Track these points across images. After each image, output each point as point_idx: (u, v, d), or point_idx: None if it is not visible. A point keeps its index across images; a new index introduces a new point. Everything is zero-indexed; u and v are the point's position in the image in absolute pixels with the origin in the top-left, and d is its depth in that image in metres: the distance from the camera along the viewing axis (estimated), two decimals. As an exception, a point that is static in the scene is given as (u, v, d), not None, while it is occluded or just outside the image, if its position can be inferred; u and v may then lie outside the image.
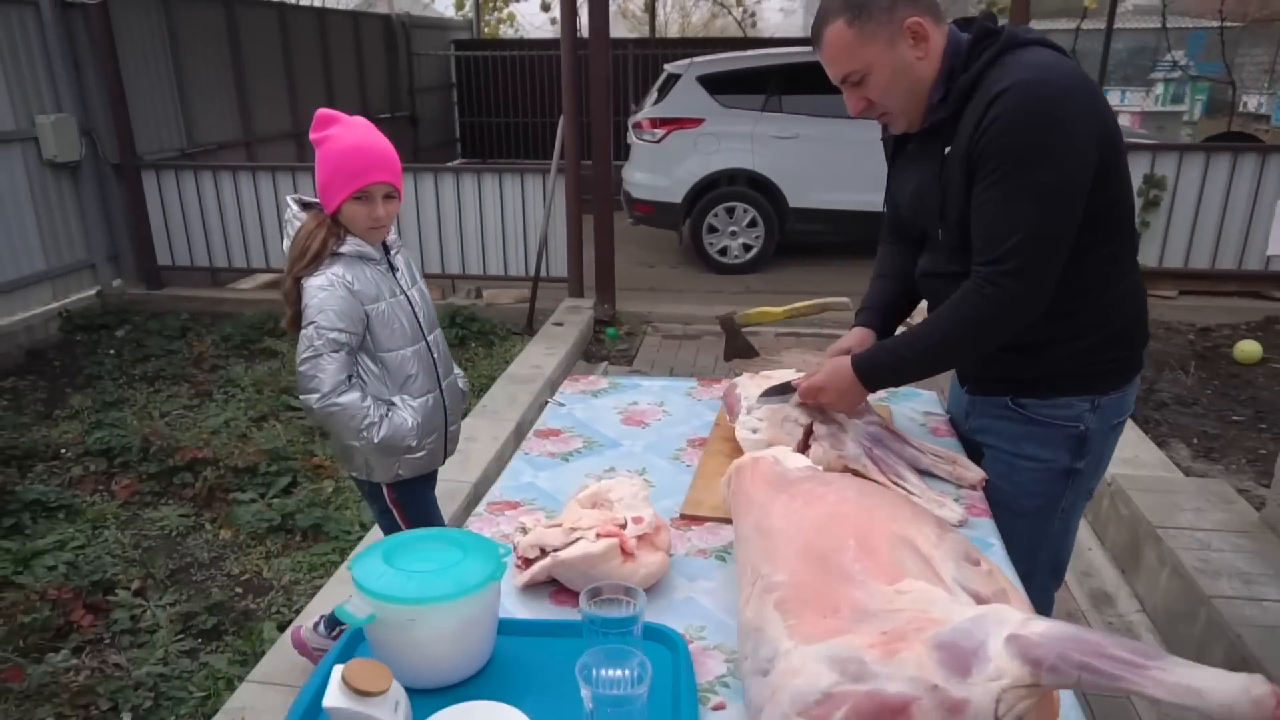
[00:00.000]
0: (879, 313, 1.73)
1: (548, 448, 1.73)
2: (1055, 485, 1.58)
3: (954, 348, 1.50)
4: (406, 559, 1.06)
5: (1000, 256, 1.38)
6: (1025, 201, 1.36)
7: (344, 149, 1.80)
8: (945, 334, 1.47)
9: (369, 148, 1.82)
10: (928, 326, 1.49)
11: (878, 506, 1.05)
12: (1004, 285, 1.39)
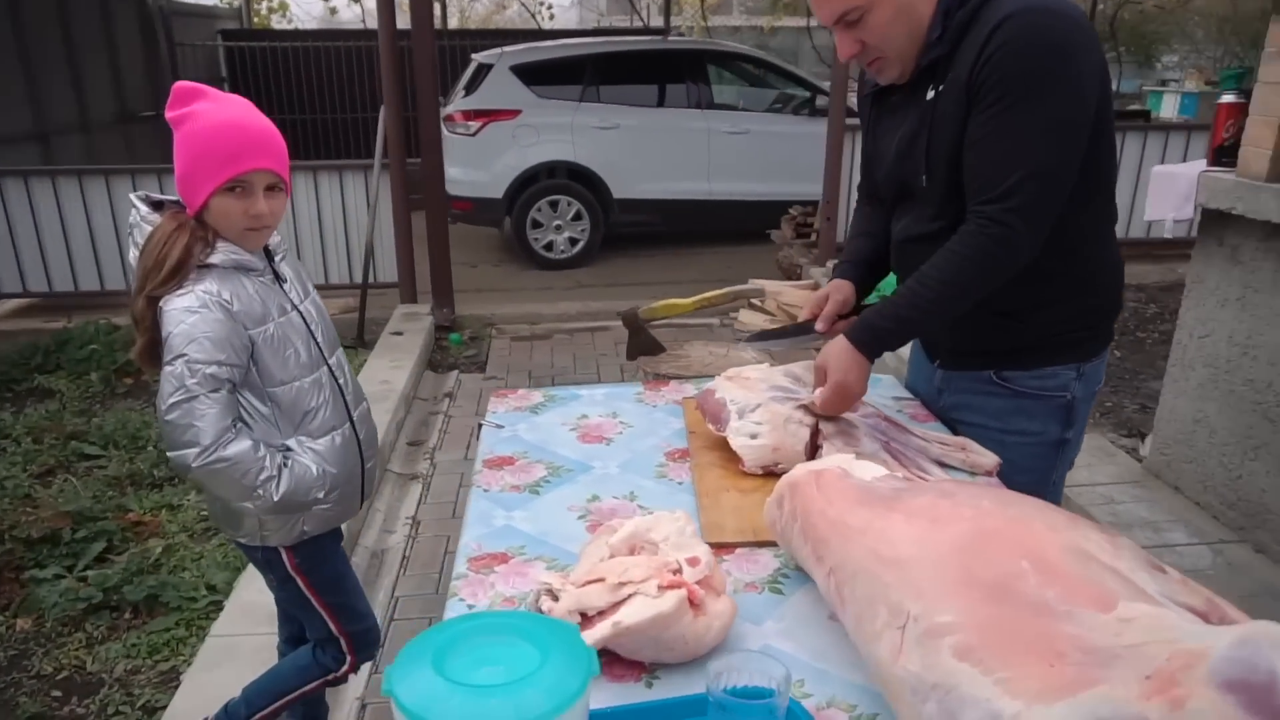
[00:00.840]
0: (857, 266, 1.63)
1: (508, 480, 1.45)
2: (1046, 459, 1.54)
3: (957, 297, 1.38)
4: (464, 665, 0.78)
5: (1003, 194, 1.30)
6: (1031, 134, 1.28)
7: (212, 128, 1.42)
8: (947, 283, 1.36)
9: (244, 126, 1.44)
10: (924, 279, 1.38)
11: (1027, 516, 0.90)
12: (1008, 223, 1.30)
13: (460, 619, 0.85)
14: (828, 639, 1.05)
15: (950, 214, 1.40)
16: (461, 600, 1.13)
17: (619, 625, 0.96)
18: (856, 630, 0.93)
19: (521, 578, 1.18)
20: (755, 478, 1.43)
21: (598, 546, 1.12)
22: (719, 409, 1.50)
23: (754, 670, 0.83)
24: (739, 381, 1.54)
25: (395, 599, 2.54)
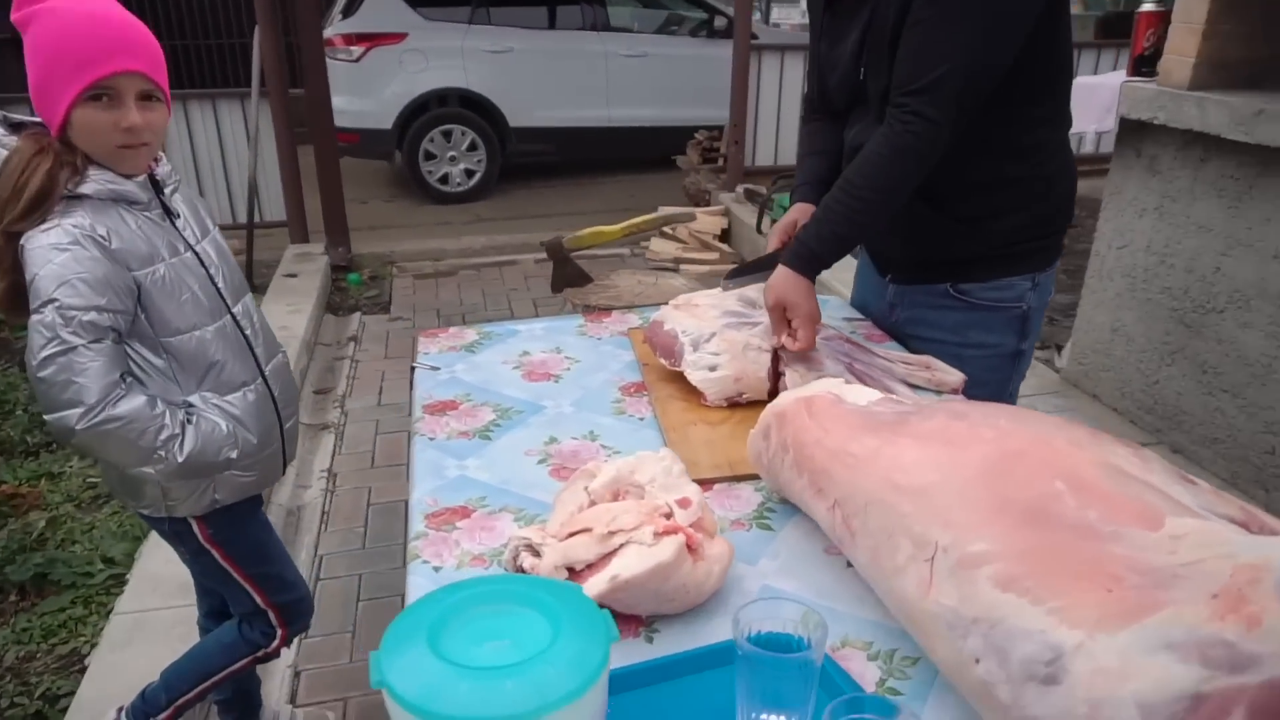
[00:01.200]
0: (816, 186, 1.55)
1: (454, 426, 1.33)
2: (1003, 371, 1.52)
3: (887, 200, 1.32)
4: (464, 643, 0.67)
5: (927, 85, 1.25)
6: (964, 26, 1.23)
7: (66, 25, 1.19)
8: (875, 188, 1.31)
9: (105, 19, 1.22)
10: (851, 187, 1.32)
11: (1049, 434, 0.85)
12: (929, 117, 1.25)
13: (449, 589, 0.74)
14: (829, 575, 0.99)
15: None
16: (426, 563, 1.02)
17: (617, 579, 0.87)
18: (872, 565, 0.87)
19: (488, 532, 1.07)
20: (721, 409, 1.35)
21: (574, 494, 1.02)
22: (671, 341, 1.41)
23: (784, 619, 0.76)
24: (688, 310, 1.45)
25: (319, 558, 2.38)
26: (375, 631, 2.10)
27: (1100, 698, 0.64)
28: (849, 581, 0.97)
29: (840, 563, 1.00)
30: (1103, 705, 0.64)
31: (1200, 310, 2.29)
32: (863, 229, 1.37)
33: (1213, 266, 2.24)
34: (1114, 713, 0.63)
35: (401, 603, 0.92)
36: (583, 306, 2.38)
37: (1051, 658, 0.68)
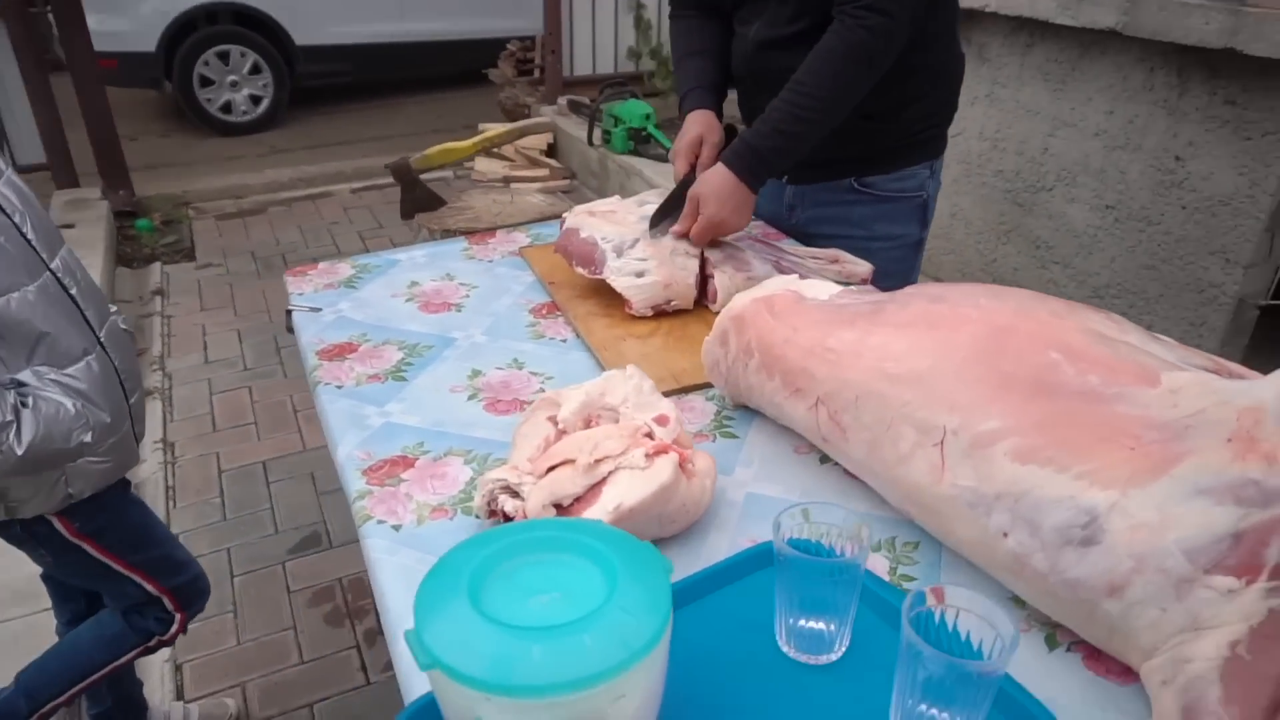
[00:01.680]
0: (710, 92, 1.47)
1: (359, 370, 1.19)
2: (909, 260, 1.56)
3: (841, 100, 1.28)
4: (511, 602, 0.60)
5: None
6: None
7: None
8: (829, 87, 1.26)
9: None
10: (802, 87, 1.27)
11: (1029, 308, 0.86)
12: (885, 10, 1.22)
13: (465, 547, 0.65)
14: (806, 474, 0.97)
15: (814, 10, 1.28)
16: (381, 522, 0.91)
17: (620, 508, 0.81)
18: (871, 458, 0.86)
19: (441, 480, 0.97)
20: (647, 320, 1.29)
21: (536, 426, 0.94)
22: (590, 249, 1.32)
23: (822, 524, 0.73)
24: (604, 217, 1.37)
25: (174, 537, 2.14)
26: (259, 608, 1.92)
27: (1143, 551, 0.66)
28: (828, 478, 0.97)
29: (813, 461, 0.99)
30: (1147, 557, 0.66)
31: (1031, 190, 2.47)
32: (811, 128, 1.29)
33: (1041, 148, 2.41)
34: (1160, 561, 0.65)
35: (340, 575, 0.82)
36: (440, 231, 2.22)
37: (1087, 520, 0.69)
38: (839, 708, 0.69)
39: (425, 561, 0.85)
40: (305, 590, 1.97)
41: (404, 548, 0.87)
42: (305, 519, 2.20)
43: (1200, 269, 2.07)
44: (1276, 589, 0.63)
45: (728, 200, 1.29)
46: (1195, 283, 2.09)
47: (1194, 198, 2.07)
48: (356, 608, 1.92)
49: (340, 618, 1.90)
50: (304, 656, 1.80)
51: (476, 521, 0.90)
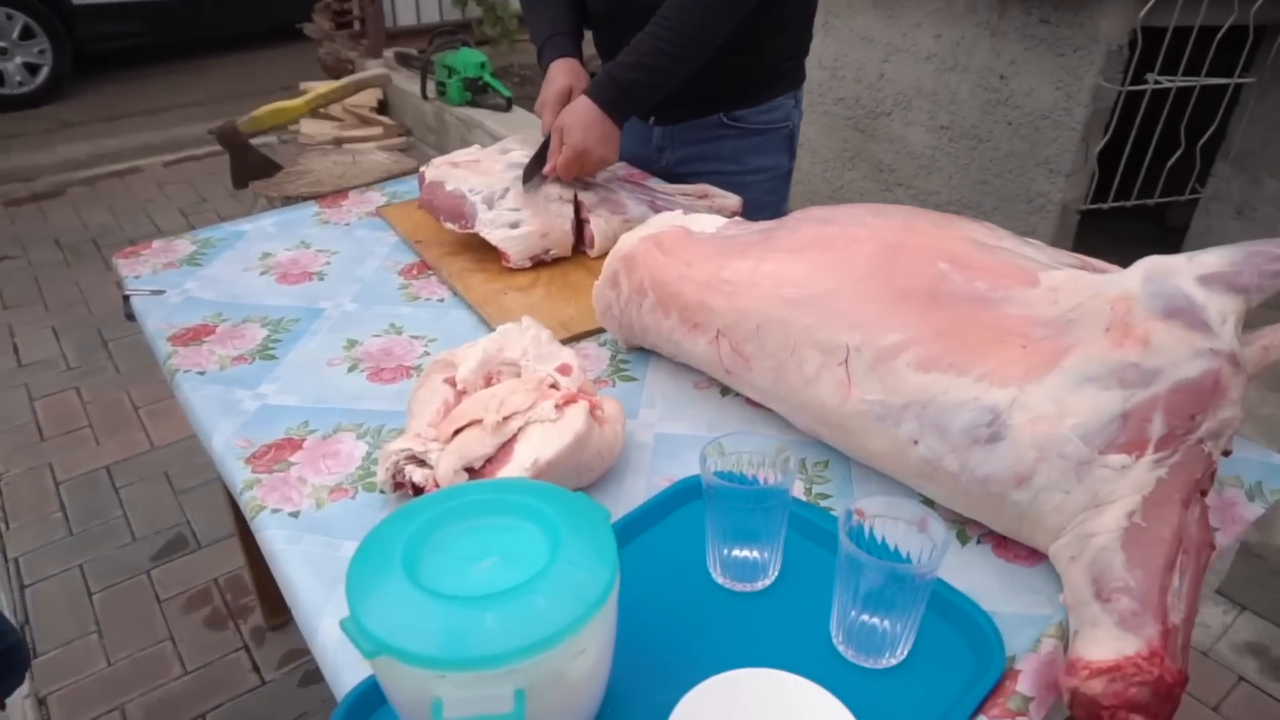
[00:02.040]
0: (571, 38, 1.42)
1: (221, 352, 1.10)
2: (780, 191, 1.59)
3: (711, 31, 1.26)
4: (452, 573, 0.57)
5: None
6: None
7: None
8: (696, 20, 1.23)
9: None
10: (668, 21, 1.24)
11: (912, 223, 0.88)
12: None
13: (392, 520, 0.61)
14: (710, 408, 0.98)
15: None
16: (277, 510, 0.84)
17: (538, 463, 0.79)
18: (777, 384, 0.87)
19: (335, 459, 0.91)
20: (525, 271, 1.25)
21: (432, 390, 0.90)
22: (458, 203, 1.26)
23: (743, 452, 0.74)
24: (469, 168, 1.31)
25: (13, 563, 1.93)
26: (127, 623, 1.77)
27: (1044, 440, 0.71)
28: (731, 410, 0.97)
29: (714, 395, 1.00)
30: (1048, 446, 0.70)
31: (871, 115, 2.57)
32: (678, 63, 1.25)
33: (877, 74, 2.50)
34: (1060, 448, 0.70)
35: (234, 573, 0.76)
36: (281, 199, 2.07)
37: (991, 419, 0.73)
38: (779, 630, 0.71)
39: (333, 546, 0.80)
40: (178, 597, 1.83)
41: (307, 534, 0.81)
42: (165, 522, 2.03)
43: (1028, 180, 2.22)
44: (1162, 460, 0.69)
45: (592, 129, 1.26)
46: (1024, 194, 2.24)
47: (1018, 114, 2.22)
48: (238, 607, 1.80)
49: (221, 620, 1.78)
50: (187, 667, 1.68)
51: (382, 497, 0.85)
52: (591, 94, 1.26)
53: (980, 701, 0.62)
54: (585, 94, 1.27)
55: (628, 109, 1.29)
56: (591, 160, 1.29)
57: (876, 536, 0.68)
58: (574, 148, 1.25)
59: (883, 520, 0.67)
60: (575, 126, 1.26)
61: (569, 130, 1.26)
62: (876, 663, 0.67)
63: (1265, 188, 2.08)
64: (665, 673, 0.66)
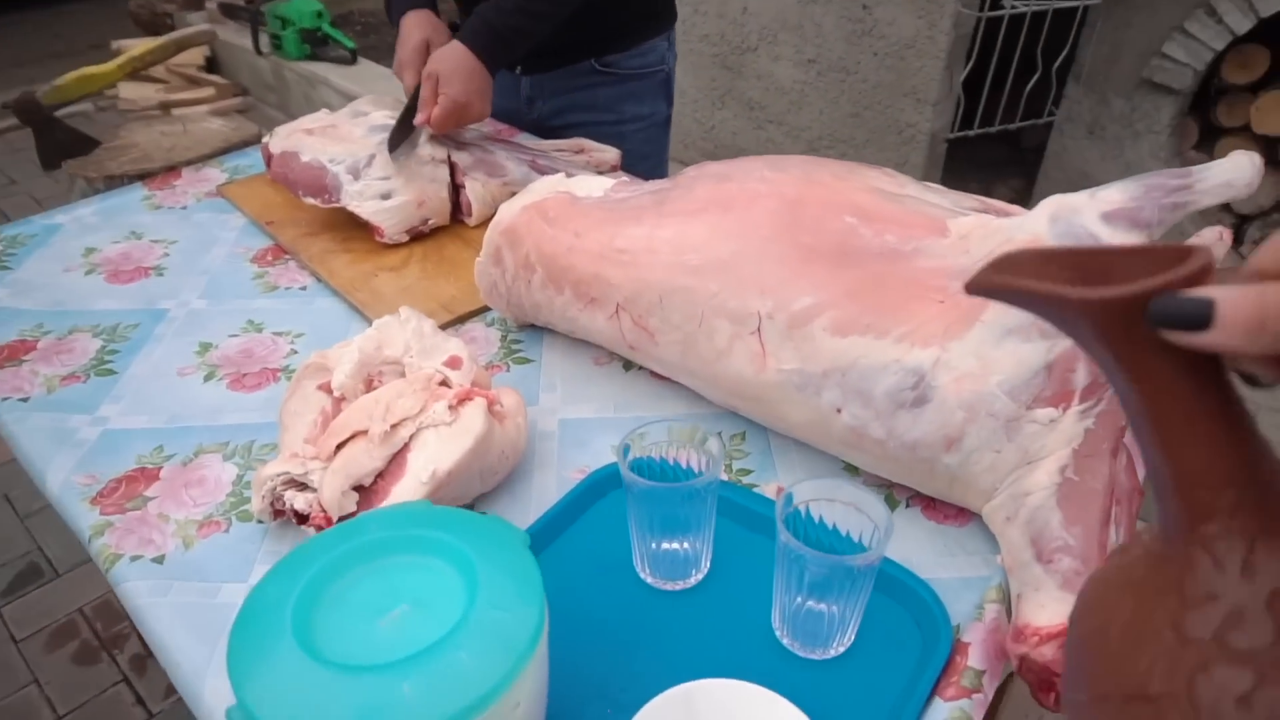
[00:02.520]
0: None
1: (46, 372, 0.95)
2: (660, 139, 1.52)
3: None
4: (355, 631, 0.49)
5: None
6: None
7: None
8: None
9: None
10: None
11: (812, 174, 0.83)
12: None
13: (274, 577, 0.52)
14: (614, 386, 0.92)
15: None
16: (137, 558, 0.73)
17: (437, 474, 0.71)
18: (687, 358, 0.82)
19: (200, 487, 0.80)
20: (397, 249, 1.15)
21: (305, 399, 0.80)
22: (318, 175, 1.13)
23: (659, 441, 0.68)
24: (326, 134, 1.17)
25: None
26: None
27: (971, 399, 0.68)
28: (637, 385, 0.92)
29: (617, 370, 0.94)
30: (975, 405, 0.68)
31: (737, 52, 2.51)
32: (557, 9, 1.18)
33: (740, 8, 2.43)
34: (988, 406, 0.68)
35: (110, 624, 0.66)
36: (102, 179, 1.84)
37: (915, 381, 0.70)
38: (717, 628, 0.66)
39: (209, 593, 0.70)
40: (38, 634, 1.65)
41: (176, 582, 0.71)
42: (13, 551, 1.82)
43: (897, 111, 2.23)
44: (1088, 410, 0.67)
45: (471, 79, 1.15)
46: (894, 125, 2.26)
47: (883, 44, 2.21)
48: (111, 636, 1.64)
49: (93, 654, 1.62)
50: (59, 710, 1.51)
51: (261, 527, 0.75)
52: (467, 40, 1.15)
53: (934, 683, 0.60)
54: (460, 39, 1.15)
55: (503, 58, 1.19)
56: (471, 114, 1.18)
57: (814, 516, 0.64)
58: (454, 99, 1.14)
59: (819, 503, 0.63)
60: (454, 76, 1.14)
61: (447, 79, 1.14)
62: (825, 653, 0.63)
63: (1112, 106, 2.16)
64: (603, 695, 0.61)
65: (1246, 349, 0.28)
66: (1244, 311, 0.27)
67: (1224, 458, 0.30)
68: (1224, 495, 0.30)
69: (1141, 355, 0.30)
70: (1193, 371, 0.30)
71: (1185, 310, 0.28)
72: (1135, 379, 0.31)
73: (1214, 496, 0.31)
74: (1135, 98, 2.10)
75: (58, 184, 3.21)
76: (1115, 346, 0.30)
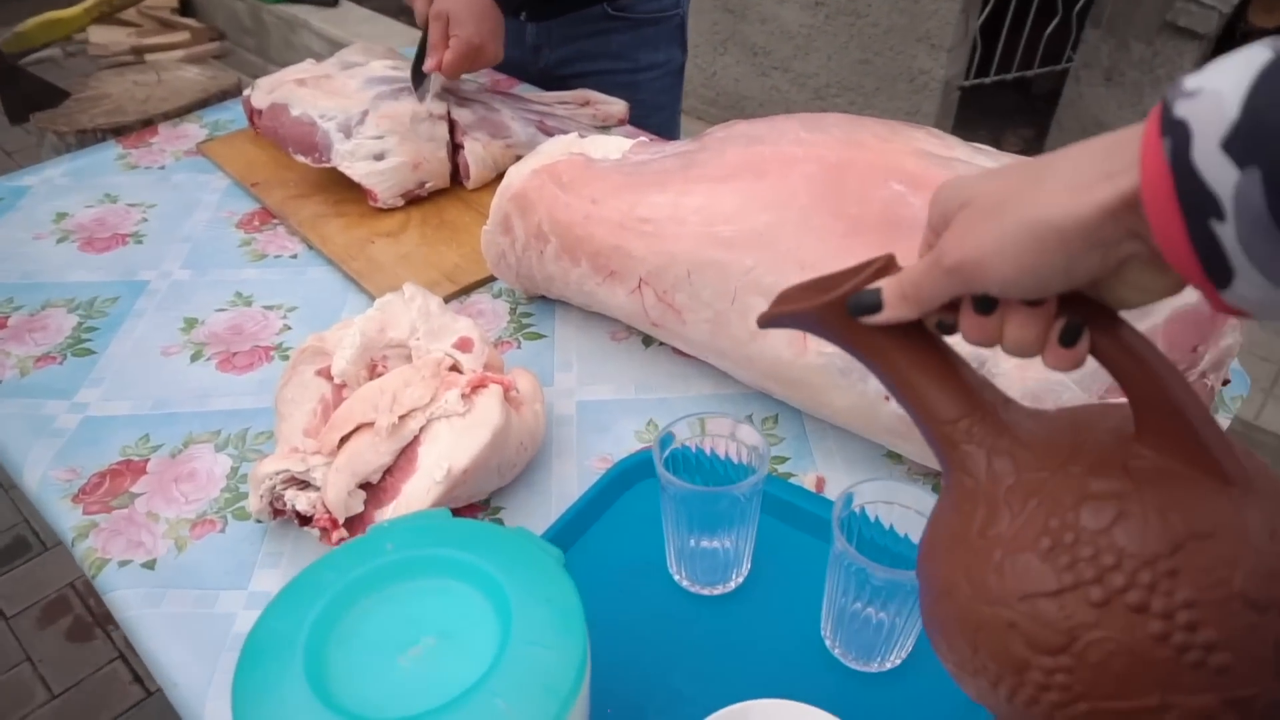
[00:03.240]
0: None
1: (19, 352, 0.88)
2: (674, 89, 1.43)
3: None
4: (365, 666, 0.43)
5: None
6: None
7: None
8: None
9: None
10: None
11: (853, 135, 0.76)
12: None
13: (281, 605, 0.47)
14: (635, 363, 0.86)
15: None
16: (126, 563, 0.67)
17: (453, 472, 0.65)
18: (717, 337, 0.75)
19: (192, 482, 0.74)
20: (393, 213, 1.07)
21: (303, 386, 0.73)
22: (308, 131, 1.05)
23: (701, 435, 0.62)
24: (318, 86, 1.08)
25: None
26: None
27: (1036, 388, 0.62)
28: (659, 363, 0.86)
29: (636, 345, 0.88)
30: (1041, 394, 0.62)
31: (740, -7, 2.39)
32: None
33: (744, -54, 2.31)
34: (1054, 396, 0.62)
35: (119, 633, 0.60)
36: (73, 134, 1.73)
37: (975, 366, 0.64)
38: (761, 637, 0.61)
39: (206, 602, 0.64)
40: (28, 610, 1.60)
41: (169, 590, 0.65)
42: (-2, 523, 1.77)
43: (909, 57, 2.14)
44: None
45: (485, 19, 1.07)
46: (906, 71, 2.16)
47: (894, -16, 2.11)
48: (104, 612, 1.59)
49: (87, 630, 1.57)
50: (54, 689, 1.47)
51: (259, 527, 0.70)
52: None
53: (1001, 699, 0.55)
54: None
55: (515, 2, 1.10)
56: (485, 57, 1.10)
57: (869, 516, 0.59)
58: (467, 41, 1.05)
59: (875, 505, 0.58)
60: (466, 16, 1.05)
61: (459, 20, 1.05)
62: (879, 665, 0.59)
63: (1133, 51, 2.07)
64: (641, 718, 0.56)
65: (910, 316, 0.37)
66: (895, 292, 0.37)
67: (950, 395, 0.39)
68: (959, 425, 0.39)
69: (863, 338, 0.39)
70: (904, 338, 0.39)
71: (864, 301, 0.38)
72: (868, 355, 0.40)
73: (952, 428, 0.39)
74: (1157, 43, 2.01)
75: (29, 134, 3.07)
76: (844, 336, 0.40)
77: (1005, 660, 0.35)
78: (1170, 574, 0.31)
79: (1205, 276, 0.28)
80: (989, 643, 0.35)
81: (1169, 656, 0.31)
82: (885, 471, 0.74)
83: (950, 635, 0.38)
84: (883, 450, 0.75)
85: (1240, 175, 0.25)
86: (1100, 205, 0.29)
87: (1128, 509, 0.33)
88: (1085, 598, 0.32)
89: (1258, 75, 0.26)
